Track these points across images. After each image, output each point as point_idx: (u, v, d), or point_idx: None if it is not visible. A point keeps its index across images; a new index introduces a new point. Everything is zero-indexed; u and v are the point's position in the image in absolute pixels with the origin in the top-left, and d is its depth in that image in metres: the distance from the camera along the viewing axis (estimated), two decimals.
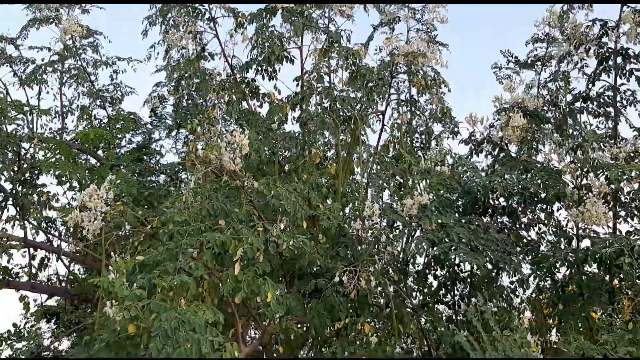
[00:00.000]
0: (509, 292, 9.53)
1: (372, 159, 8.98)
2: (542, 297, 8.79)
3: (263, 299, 6.27)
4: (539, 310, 8.96)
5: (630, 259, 6.47)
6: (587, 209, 7.02)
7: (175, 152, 12.77)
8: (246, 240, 6.12)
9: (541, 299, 8.51)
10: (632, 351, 5.87)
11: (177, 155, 12.58)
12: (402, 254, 7.36)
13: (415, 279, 9.51)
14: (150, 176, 11.10)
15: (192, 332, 5.12)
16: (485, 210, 8.37)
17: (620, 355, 5.78)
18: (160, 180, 11.35)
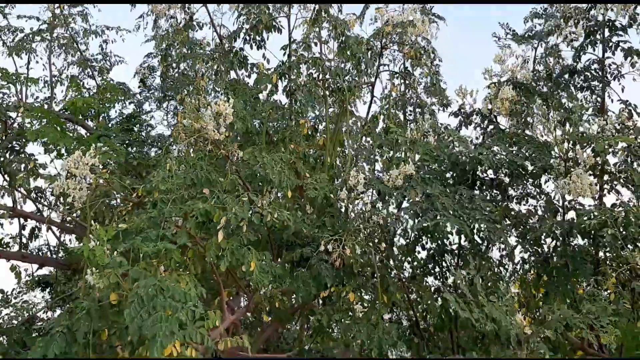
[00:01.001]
0: (497, 265, 9.60)
1: (361, 130, 8.95)
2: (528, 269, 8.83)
3: (247, 268, 6.30)
4: (526, 283, 9.02)
5: (614, 230, 6.48)
6: (574, 180, 7.01)
7: (166, 124, 12.77)
8: (230, 209, 6.12)
9: (526, 269, 8.54)
10: (615, 321, 5.93)
11: (168, 127, 12.58)
12: (389, 225, 7.35)
13: (404, 250, 9.55)
14: (141, 147, 11.07)
15: (170, 299, 5.11)
16: (473, 183, 8.35)
17: (602, 324, 5.82)
18: (151, 152, 11.33)
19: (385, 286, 7.89)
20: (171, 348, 5.24)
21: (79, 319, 5.18)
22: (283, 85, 8.42)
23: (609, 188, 7.88)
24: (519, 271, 8.61)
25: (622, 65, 8.39)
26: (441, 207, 6.72)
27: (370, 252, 7.07)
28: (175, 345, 5.25)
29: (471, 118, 8.89)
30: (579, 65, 8.64)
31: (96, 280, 5.16)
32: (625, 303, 6.83)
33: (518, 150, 7.91)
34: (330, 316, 7.19)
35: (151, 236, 5.70)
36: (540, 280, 7.79)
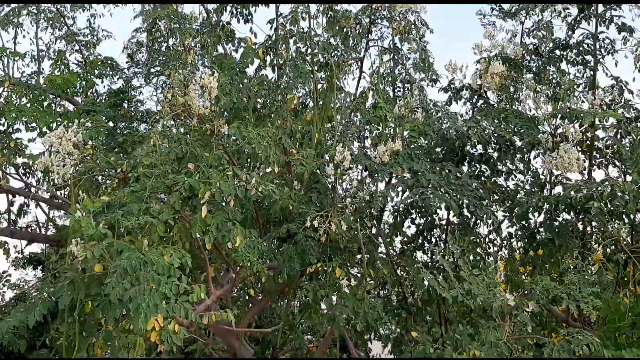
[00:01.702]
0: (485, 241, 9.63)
1: (350, 106, 8.89)
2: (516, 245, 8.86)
3: (233, 244, 6.28)
4: (512, 259, 9.06)
5: (599, 204, 6.49)
6: (561, 155, 6.99)
7: (156, 100, 12.66)
8: (215, 184, 6.08)
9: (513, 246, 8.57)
10: (597, 291, 5.97)
11: (157, 103, 12.48)
12: (375, 200, 7.33)
13: (393, 226, 9.56)
14: (129, 123, 10.99)
15: (154, 272, 5.10)
16: (462, 158, 8.33)
17: (584, 295, 5.86)
18: (141, 128, 11.25)
19: (371, 262, 7.92)
20: (154, 322, 5.25)
21: (62, 287, 5.17)
22: (270, 60, 8.34)
23: (597, 164, 7.87)
24: (506, 246, 8.63)
25: (614, 42, 8.32)
26: (427, 183, 6.70)
27: (356, 228, 7.06)
28: (158, 319, 5.26)
29: (461, 93, 8.83)
30: (572, 40, 8.56)
31: (80, 252, 5.13)
32: (609, 274, 6.86)
33: (506, 126, 7.87)
34: (316, 292, 7.19)
35: (133, 210, 5.66)
36: (527, 255, 7.81)
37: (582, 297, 5.86)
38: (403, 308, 10.46)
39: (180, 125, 7.01)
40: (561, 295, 5.86)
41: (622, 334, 6.55)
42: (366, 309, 7.17)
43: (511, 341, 6.50)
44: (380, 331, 11.64)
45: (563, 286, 6.01)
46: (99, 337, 5.35)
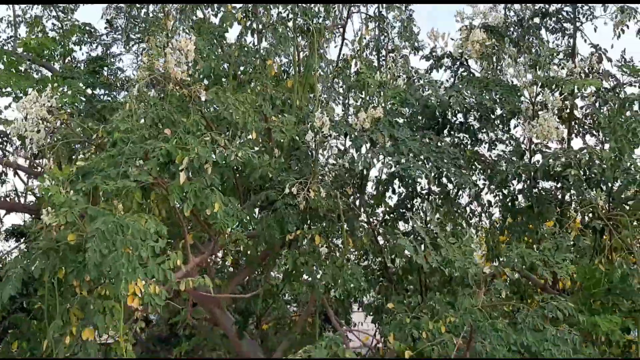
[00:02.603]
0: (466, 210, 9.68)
1: (332, 73, 8.79)
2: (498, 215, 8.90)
3: (212, 210, 6.25)
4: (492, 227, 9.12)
5: (577, 172, 6.51)
6: (540, 123, 6.99)
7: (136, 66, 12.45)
8: (192, 149, 6.01)
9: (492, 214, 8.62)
10: (571, 258, 6.03)
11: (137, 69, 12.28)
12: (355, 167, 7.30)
13: (374, 195, 9.57)
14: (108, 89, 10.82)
15: (130, 237, 5.06)
16: (443, 127, 8.32)
17: (558, 262, 5.91)
18: (121, 96, 11.08)
19: (351, 230, 7.92)
20: (133, 286, 5.23)
21: (36, 259, 5.11)
22: (249, 24, 8.18)
23: (576, 133, 7.89)
24: (486, 213, 8.67)
25: (593, 8, 8.25)
26: (407, 151, 6.67)
27: (335, 195, 7.03)
28: (137, 282, 5.23)
29: (442, 61, 8.77)
30: (551, 7, 8.48)
31: (51, 220, 5.07)
32: (586, 240, 6.93)
33: (487, 94, 7.84)
34: (296, 259, 7.20)
35: (111, 174, 5.59)
36: (505, 222, 7.86)
37: (557, 263, 5.91)
38: (384, 277, 10.54)
39: (158, 91, 6.89)
40: (536, 262, 5.90)
41: (597, 300, 6.64)
42: (345, 277, 7.21)
43: (486, 308, 6.58)
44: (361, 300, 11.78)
45: (538, 253, 6.06)
46: (74, 302, 5.31)
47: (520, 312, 5.96)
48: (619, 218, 6.60)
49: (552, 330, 5.74)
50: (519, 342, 5.70)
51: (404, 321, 6.90)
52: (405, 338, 6.75)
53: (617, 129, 6.05)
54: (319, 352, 6.27)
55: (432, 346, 6.32)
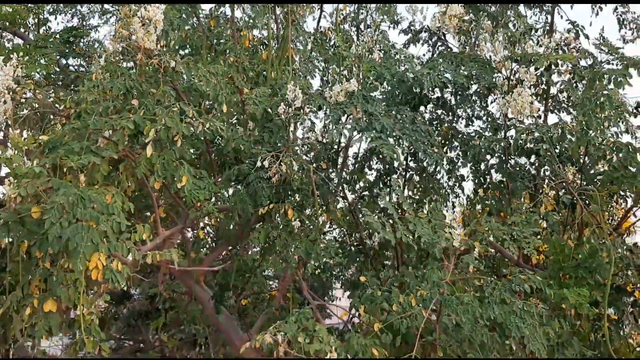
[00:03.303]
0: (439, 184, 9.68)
1: (309, 45, 8.67)
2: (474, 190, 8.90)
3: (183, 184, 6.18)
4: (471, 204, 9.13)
5: (549, 146, 6.50)
6: (514, 98, 6.94)
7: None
8: (160, 121, 5.92)
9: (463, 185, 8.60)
10: (538, 231, 6.04)
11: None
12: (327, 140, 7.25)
13: (351, 170, 9.53)
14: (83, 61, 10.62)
15: (92, 210, 4.98)
16: (419, 102, 8.25)
17: (526, 235, 5.92)
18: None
19: (325, 204, 7.89)
20: (96, 260, 5.17)
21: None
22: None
23: (551, 109, 7.87)
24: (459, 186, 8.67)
25: None
26: (380, 127, 6.61)
27: (308, 168, 6.96)
28: (100, 257, 5.18)
29: (419, 35, 8.68)
30: None
31: (12, 191, 4.98)
32: (555, 216, 6.95)
33: (462, 69, 7.77)
34: (268, 233, 7.16)
35: (75, 148, 5.49)
36: (476, 195, 7.86)
37: (524, 238, 5.93)
38: (361, 252, 10.55)
39: (128, 61, 6.75)
40: (504, 238, 5.91)
41: (566, 274, 6.68)
42: (319, 250, 7.18)
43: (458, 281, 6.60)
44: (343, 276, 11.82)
45: (507, 227, 6.06)
46: (36, 275, 5.25)
47: (488, 285, 5.97)
48: (590, 193, 6.61)
49: (519, 304, 5.76)
50: (485, 315, 5.72)
51: (375, 294, 6.92)
52: (376, 311, 6.77)
53: (586, 102, 6.02)
54: (289, 327, 6.27)
55: (401, 319, 6.35)
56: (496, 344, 6.11)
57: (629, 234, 8.16)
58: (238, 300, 12.24)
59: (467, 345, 6.19)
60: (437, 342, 6.36)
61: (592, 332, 6.95)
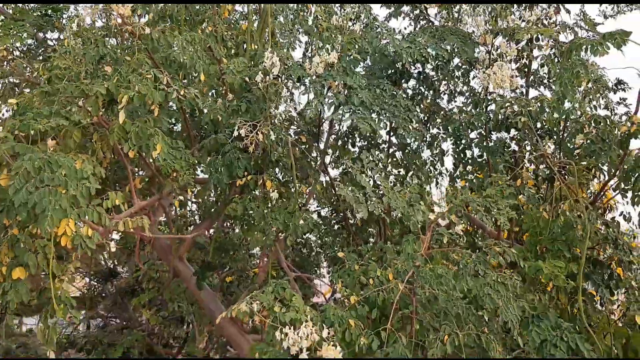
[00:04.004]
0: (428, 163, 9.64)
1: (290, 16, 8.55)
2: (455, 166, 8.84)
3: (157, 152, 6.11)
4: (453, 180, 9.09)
5: (527, 119, 6.46)
6: (495, 71, 6.88)
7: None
8: (133, 87, 5.83)
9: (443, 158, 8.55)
10: (512, 203, 6.01)
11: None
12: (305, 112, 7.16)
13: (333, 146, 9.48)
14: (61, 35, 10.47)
15: (60, 175, 4.90)
16: (401, 77, 8.18)
17: (500, 207, 5.89)
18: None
19: (305, 177, 7.84)
20: (65, 226, 5.10)
21: None
22: None
23: (531, 84, 7.81)
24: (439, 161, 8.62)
25: None
26: (358, 102, 6.53)
27: (287, 140, 6.90)
28: (69, 223, 5.11)
29: (401, 9, 8.58)
30: None
31: None
32: (531, 189, 6.92)
33: (443, 43, 7.69)
34: (246, 205, 7.11)
35: (44, 112, 5.40)
36: (456, 169, 7.83)
37: (498, 210, 5.90)
38: (344, 228, 10.53)
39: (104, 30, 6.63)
40: (478, 208, 5.88)
41: (543, 247, 6.68)
42: (297, 222, 7.15)
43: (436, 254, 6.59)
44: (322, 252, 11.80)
45: (482, 199, 6.03)
46: (4, 241, 5.17)
47: (463, 257, 5.95)
48: (568, 167, 6.58)
49: (492, 276, 5.75)
50: (458, 287, 5.70)
51: (353, 268, 6.91)
52: (354, 285, 6.76)
53: (562, 72, 5.97)
54: (265, 297, 6.25)
55: (377, 292, 6.34)
56: (471, 316, 6.11)
57: (610, 209, 8.13)
58: (222, 278, 12.23)
59: (442, 318, 6.18)
60: (413, 314, 6.35)
61: (568, 304, 6.95)
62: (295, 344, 5.81)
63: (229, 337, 10.07)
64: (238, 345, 9.78)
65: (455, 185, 8.93)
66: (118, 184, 7.74)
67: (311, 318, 6.07)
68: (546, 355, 6.17)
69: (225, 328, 9.63)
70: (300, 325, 5.91)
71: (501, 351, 6.04)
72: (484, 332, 5.95)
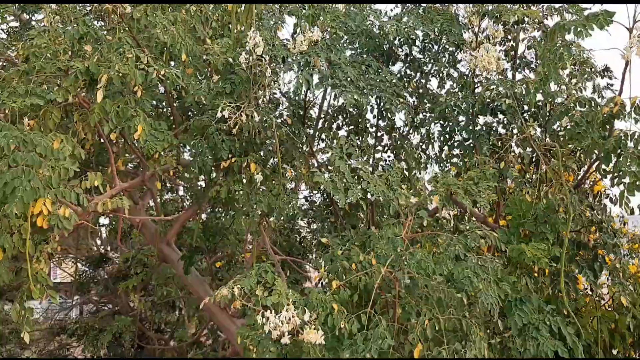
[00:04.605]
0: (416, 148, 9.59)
1: None
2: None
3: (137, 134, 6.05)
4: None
5: (511, 102, 6.40)
6: (481, 53, 6.81)
7: None
8: (113, 67, 5.75)
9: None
10: (496, 186, 5.98)
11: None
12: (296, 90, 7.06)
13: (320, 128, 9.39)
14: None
15: (35, 154, 4.84)
16: (388, 59, 8.10)
17: (481, 189, 5.86)
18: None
19: (290, 159, 7.78)
20: (41, 206, 5.05)
21: None
22: None
23: (518, 67, 7.74)
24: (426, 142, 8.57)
25: None
26: (343, 76, 6.45)
27: (271, 121, 6.81)
28: (45, 203, 5.05)
29: None
30: None
31: None
32: (514, 172, 6.88)
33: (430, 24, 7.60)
34: (230, 187, 7.05)
35: (19, 91, 5.32)
36: (441, 152, 7.78)
37: (479, 192, 5.86)
38: (331, 213, 10.46)
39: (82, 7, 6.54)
40: (458, 190, 5.84)
41: (526, 230, 6.65)
42: (281, 205, 7.09)
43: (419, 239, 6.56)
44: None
45: (462, 181, 5.99)
46: None
47: (444, 240, 5.92)
48: (553, 149, 6.53)
49: (473, 259, 5.71)
50: (438, 271, 5.67)
51: (336, 254, 6.87)
52: (337, 270, 6.73)
53: (546, 53, 5.91)
54: (248, 281, 6.22)
55: (359, 276, 6.31)
56: (453, 300, 6.08)
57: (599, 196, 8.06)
58: (211, 262, 12.18)
59: (423, 302, 6.15)
60: (396, 298, 6.33)
61: (551, 287, 6.94)
62: (276, 328, 5.79)
63: (218, 322, 10.04)
64: (227, 330, 9.77)
65: (445, 170, 8.91)
66: (102, 167, 7.67)
67: (293, 302, 6.04)
68: (529, 339, 6.17)
69: (214, 313, 9.60)
70: (282, 309, 5.88)
71: (482, 335, 6.03)
72: (465, 317, 5.93)
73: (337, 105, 9.24)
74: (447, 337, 5.89)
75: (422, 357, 5.86)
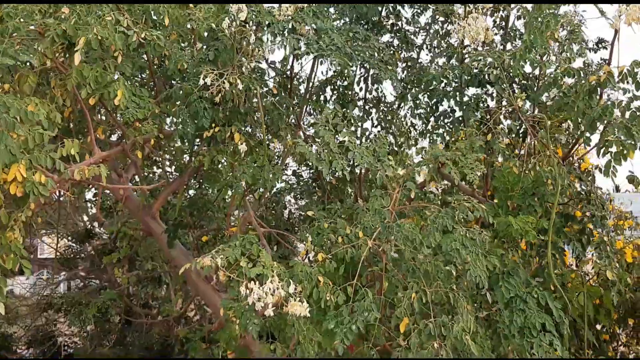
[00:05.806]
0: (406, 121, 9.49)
1: None
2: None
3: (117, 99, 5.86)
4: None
5: (499, 72, 6.28)
6: (469, 23, 6.66)
7: None
8: (92, 30, 5.53)
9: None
10: (481, 158, 5.88)
11: None
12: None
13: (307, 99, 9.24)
14: None
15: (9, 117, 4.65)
16: (373, 27, 7.92)
17: (470, 161, 5.75)
18: None
19: (275, 130, 7.63)
20: (15, 172, 4.88)
21: None
22: None
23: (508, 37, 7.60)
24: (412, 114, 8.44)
25: None
26: (329, 41, 6.27)
27: (255, 89, 6.63)
28: (20, 168, 4.88)
29: None
30: None
31: None
32: (501, 144, 6.78)
33: None
34: (213, 157, 6.89)
35: None
36: (427, 124, 7.66)
37: (467, 163, 5.76)
38: (319, 187, 10.36)
39: None
40: (446, 161, 5.73)
41: (514, 203, 6.57)
42: (266, 176, 6.95)
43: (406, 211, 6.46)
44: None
45: (450, 152, 5.88)
46: None
47: (431, 213, 5.82)
48: (542, 121, 6.42)
49: (460, 231, 5.62)
50: (425, 243, 5.58)
51: (323, 226, 6.77)
52: (323, 243, 6.63)
53: (532, 21, 5.78)
54: (231, 251, 6.09)
55: (346, 249, 6.22)
56: (440, 273, 6.01)
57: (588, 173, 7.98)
58: (197, 237, 12.05)
59: (410, 275, 6.07)
60: (383, 271, 6.25)
61: (538, 260, 6.89)
62: (260, 300, 5.68)
63: (203, 295, 9.95)
64: (212, 304, 9.68)
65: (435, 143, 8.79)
66: (82, 136, 7.48)
67: (278, 274, 5.93)
68: (516, 312, 6.12)
69: (197, 285, 9.50)
70: (266, 280, 5.77)
71: (470, 309, 5.97)
72: (452, 290, 5.87)
73: (325, 78, 9.09)
74: (434, 310, 5.84)
75: (408, 330, 5.80)
